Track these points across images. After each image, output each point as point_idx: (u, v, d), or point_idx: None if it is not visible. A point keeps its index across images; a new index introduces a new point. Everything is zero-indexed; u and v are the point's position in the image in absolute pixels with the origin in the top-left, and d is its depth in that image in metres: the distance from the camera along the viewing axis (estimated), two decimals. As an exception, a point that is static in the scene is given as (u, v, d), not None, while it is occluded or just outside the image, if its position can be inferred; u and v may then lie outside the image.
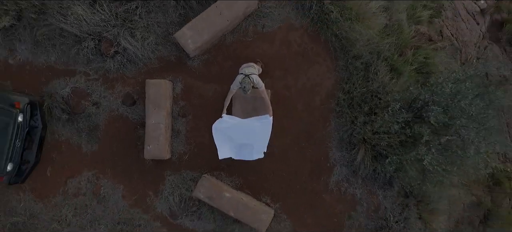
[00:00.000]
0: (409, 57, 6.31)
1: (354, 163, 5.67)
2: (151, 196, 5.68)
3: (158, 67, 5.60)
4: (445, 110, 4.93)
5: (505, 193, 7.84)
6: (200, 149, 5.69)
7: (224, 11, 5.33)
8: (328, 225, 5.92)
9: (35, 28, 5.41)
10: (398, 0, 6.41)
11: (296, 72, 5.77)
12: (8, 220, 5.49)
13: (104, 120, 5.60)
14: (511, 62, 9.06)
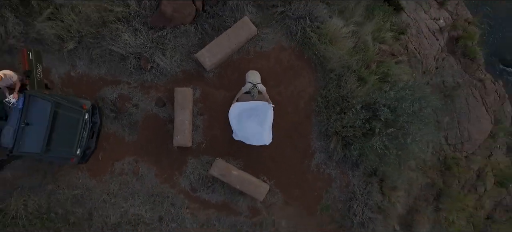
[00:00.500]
0: (373, 69, 8.18)
1: (329, 150, 7.53)
2: (177, 175, 7.49)
3: (182, 78, 7.42)
4: (392, 110, 6.80)
5: (454, 176, 9.73)
6: (213, 139, 7.50)
7: (232, 37, 7.17)
8: (310, 197, 7.76)
9: (91, 49, 7.21)
10: (366, 25, 8.29)
11: (286, 82, 7.61)
12: (70, 193, 7.27)
13: (141, 118, 7.41)
14: (464, 71, 10.99)
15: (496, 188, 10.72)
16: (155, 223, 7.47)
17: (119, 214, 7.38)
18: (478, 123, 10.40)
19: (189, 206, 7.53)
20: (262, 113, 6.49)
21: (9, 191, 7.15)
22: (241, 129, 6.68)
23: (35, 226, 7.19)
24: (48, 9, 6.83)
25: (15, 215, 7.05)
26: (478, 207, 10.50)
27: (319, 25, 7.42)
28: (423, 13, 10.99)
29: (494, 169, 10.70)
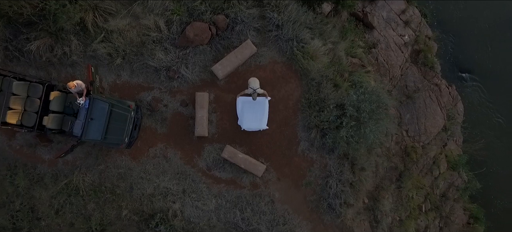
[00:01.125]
0: (346, 78, 10.63)
1: (311, 139, 9.95)
2: (196, 158, 9.87)
3: (201, 85, 9.79)
4: (356, 109, 9.23)
5: (413, 162, 12.21)
6: (224, 131, 9.89)
7: (238, 55, 9.56)
8: (297, 175, 10.17)
9: (132, 63, 9.56)
10: (340, 44, 10.74)
11: (278, 87, 10.01)
12: (116, 171, 9.60)
13: (170, 115, 9.78)
14: (423, 77, 13.48)
15: (449, 171, 13.27)
16: (180, 194, 9.84)
17: (152, 187, 9.75)
18: (433, 119, 12.91)
19: (205, 181, 9.91)
20: (260, 105, 8.98)
21: (71, 169, 9.48)
22: (244, 117, 9.09)
23: (90, 196, 9.54)
24: (101, 34, 9.17)
25: (76, 187, 9.40)
26: (433, 187, 13.03)
27: (303, 45, 9.84)
28: (391, 30, 13.48)
29: (447, 156, 13.23)
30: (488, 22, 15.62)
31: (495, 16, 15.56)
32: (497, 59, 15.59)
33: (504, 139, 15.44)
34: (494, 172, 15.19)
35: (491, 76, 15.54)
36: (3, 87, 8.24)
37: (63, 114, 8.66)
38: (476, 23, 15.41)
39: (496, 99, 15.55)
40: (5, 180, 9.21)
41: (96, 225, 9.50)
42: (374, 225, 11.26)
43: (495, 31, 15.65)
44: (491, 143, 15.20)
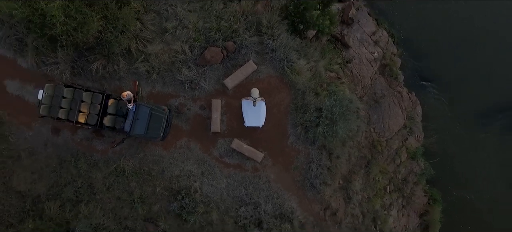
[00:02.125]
0: (325, 88, 13.92)
1: (297, 134, 13.20)
2: (212, 148, 13.07)
3: (215, 93, 12.99)
4: (330, 111, 12.51)
5: (379, 152, 15.50)
6: (232, 128, 13.09)
7: (243, 71, 12.79)
8: (287, 161, 13.41)
9: (164, 77, 12.73)
10: (320, 62, 14.02)
11: (273, 95, 13.24)
12: (152, 158, 12.75)
13: (192, 116, 12.96)
14: (389, 86, 16.81)
15: (409, 160, 16.65)
16: (199, 175, 13.01)
17: (179, 170, 12.92)
18: (395, 119, 16.27)
19: (218, 166, 13.10)
20: (259, 107, 12.25)
21: (118, 157, 12.61)
22: (247, 116, 12.30)
23: (133, 176, 12.68)
24: (142, 56, 12.32)
25: (123, 170, 12.54)
26: (396, 172, 16.39)
27: (292, 64, 13.10)
28: (364, 49, 16.83)
29: (407, 148, 16.60)
30: (445, 41, 19.08)
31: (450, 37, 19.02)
32: (451, 70, 19.05)
33: (457, 134, 18.92)
34: (448, 163, 18.66)
35: (447, 84, 19.00)
36: (75, 96, 11.37)
37: (116, 115, 11.81)
38: (435, 42, 18.85)
39: (451, 102, 19.02)
40: (70, 165, 12.33)
41: (137, 198, 12.66)
42: (347, 201, 14.57)
43: (450, 48, 19.12)
44: (446, 138, 18.68)
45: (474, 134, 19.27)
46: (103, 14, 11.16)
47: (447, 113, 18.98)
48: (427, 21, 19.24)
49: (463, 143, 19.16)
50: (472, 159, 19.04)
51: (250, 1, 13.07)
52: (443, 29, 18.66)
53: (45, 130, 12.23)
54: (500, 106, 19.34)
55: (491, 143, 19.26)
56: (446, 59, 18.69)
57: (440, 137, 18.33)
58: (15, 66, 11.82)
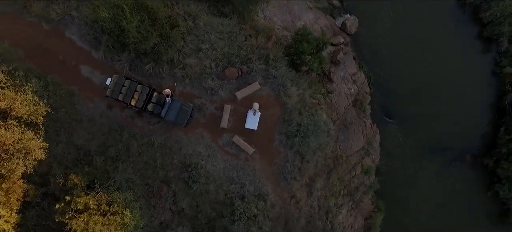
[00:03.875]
0: (307, 110, 20.36)
1: (281, 140, 19.65)
2: (218, 139, 19.39)
3: (227, 100, 19.20)
4: (306, 127, 18.94)
5: (340, 164, 22.18)
6: (235, 127, 19.46)
7: (250, 88, 19.04)
8: (271, 157, 19.94)
9: (194, 83, 18.73)
10: (307, 90, 20.39)
11: (270, 108, 19.62)
12: (174, 139, 18.88)
13: (208, 113, 19.21)
14: (357, 116, 23.46)
15: (362, 174, 23.48)
16: (206, 157, 19.30)
17: (192, 150, 19.12)
18: (357, 141, 22.97)
19: (220, 152, 19.40)
20: (257, 116, 18.50)
21: (151, 133, 18.66)
22: (247, 121, 18.55)
23: (158, 149, 18.79)
24: (180, 64, 18.25)
25: (152, 143, 18.61)
26: (350, 181, 23.17)
27: (286, 89, 19.40)
28: (344, 85, 23.34)
29: (363, 165, 23.39)
30: (409, 89, 25.94)
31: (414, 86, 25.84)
32: (410, 112, 25.97)
33: (405, 161, 25.92)
34: (394, 182, 25.68)
35: (405, 122, 25.96)
36: (131, 86, 17.21)
37: (156, 104, 17.74)
38: (401, 88, 25.66)
39: (405, 136, 25.97)
40: (116, 132, 18.27)
41: (159, 165, 18.81)
42: (309, 195, 21.24)
43: (412, 95, 26.00)
44: (396, 163, 25.67)
45: (419, 164, 26.50)
46: (160, 32, 17.05)
47: (400, 144, 26.04)
48: (397, 71, 26.18)
49: (408, 169, 26.40)
50: (413, 183, 26.25)
51: (264, 38, 19.17)
52: (409, 79, 25.52)
53: (102, 105, 18.13)
54: (442, 145, 26.60)
55: (430, 173, 26.56)
56: (407, 103, 25.73)
57: (391, 161, 25.39)
58: (89, 57, 17.56)
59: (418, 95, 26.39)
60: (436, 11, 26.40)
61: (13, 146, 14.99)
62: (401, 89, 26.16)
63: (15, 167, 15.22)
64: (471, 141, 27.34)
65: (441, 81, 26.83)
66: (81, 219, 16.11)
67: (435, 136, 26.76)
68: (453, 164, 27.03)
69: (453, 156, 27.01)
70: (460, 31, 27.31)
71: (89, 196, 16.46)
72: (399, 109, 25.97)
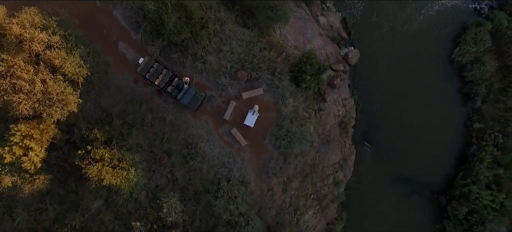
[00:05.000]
0: (298, 120, 25.53)
1: (272, 140, 24.80)
2: (219, 128, 24.63)
3: (234, 97, 24.40)
4: (294, 135, 24.10)
5: (315, 172, 27.57)
6: (235, 121, 24.70)
7: (255, 92, 24.03)
8: (260, 152, 25.23)
9: (209, 76, 23.45)
10: (301, 104, 25.49)
11: (267, 112, 24.87)
12: (182, 119, 23.75)
13: (216, 104, 24.38)
14: (340, 134, 28.81)
15: (332, 185, 29.00)
16: (205, 140, 24.44)
17: (195, 132, 24.18)
18: (334, 156, 28.41)
19: (218, 139, 24.60)
20: (255, 116, 23.58)
21: (165, 110, 23.45)
22: (247, 119, 23.62)
23: (168, 125, 23.64)
24: (202, 60, 22.89)
25: (164, 118, 23.50)
26: (321, 189, 28.64)
27: (284, 99, 24.59)
28: (334, 106, 28.60)
29: (334, 178, 28.85)
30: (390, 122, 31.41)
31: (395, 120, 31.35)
32: (387, 142, 31.51)
33: (372, 184, 31.62)
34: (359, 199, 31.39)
35: (380, 149, 31.58)
36: (158, 69, 21.75)
37: (175, 87, 22.37)
38: (383, 121, 31.08)
39: (377, 161, 31.63)
40: (136, 103, 22.95)
41: (165, 138, 23.72)
42: (284, 191, 26.66)
43: (392, 128, 31.50)
44: (364, 182, 31.34)
45: (384, 189, 32.30)
46: (191, 30, 21.64)
47: (371, 167, 31.71)
48: (383, 106, 31.81)
49: (373, 191, 32.28)
50: (375, 204, 32.11)
51: (275, 53, 23.98)
52: (392, 115, 31.10)
53: (130, 78, 22.75)
54: (407, 177, 32.43)
55: (391, 199, 32.48)
56: (386, 134, 31.41)
57: (361, 180, 31.00)
58: (129, 36, 21.99)
59: (397, 130, 32.07)
60: (427, 63, 32.04)
61: (56, 96, 19.47)
62: (383, 122, 31.75)
63: (53, 113, 19.77)
64: (433, 178, 33.42)
65: (419, 122, 32.60)
66: (96, 167, 20.92)
67: (403, 168, 32.65)
68: (413, 195, 33.07)
69: (414, 188, 33.07)
70: (445, 84, 33.06)
71: (106, 150, 21.26)
72: (377, 137, 31.58)
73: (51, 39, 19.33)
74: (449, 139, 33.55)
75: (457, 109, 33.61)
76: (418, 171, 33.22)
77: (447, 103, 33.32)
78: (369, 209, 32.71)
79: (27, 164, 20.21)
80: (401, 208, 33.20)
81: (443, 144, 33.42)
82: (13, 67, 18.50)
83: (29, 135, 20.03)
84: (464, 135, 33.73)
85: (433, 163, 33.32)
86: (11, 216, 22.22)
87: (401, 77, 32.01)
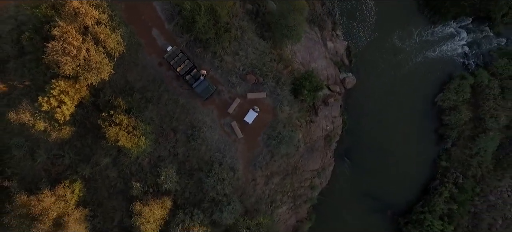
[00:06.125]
0: (290, 126, 31.41)
1: (264, 138, 30.58)
2: (222, 118, 30.48)
3: (239, 95, 30.26)
4: (284, 137, 29.99)
5: (296, 174, 33.65)
6: (236, 116, 30.55)
7: (258, 95, 29.66)
8: (252, 146, 31.20)
9: (223, 73, 28.85)
10: (296, 113, 31.37)
11: (266, 113, 30.75)
12: (192, 105, 29.39)
13: (223, 98, 30.27)
14: (323, 146, 34.93)
15: (308, 188, 35.13)
16: (208, 127, 30.30)
17: (201, 117, 29.90)
18: (315, 163, 34.63)
19: (219, 128, 30.57)
20: (254, 114, 29.42)
21: (180, 94, 28.77)
22: (247, 116, 29.44)
23: (179, 107, 29.09)
24: (219, 58, 28.26)
25: (177, 101, 28.88)
26: (298, 189, 34.78)
27: (282, 106, 30.70)
28: (324, 121, 34.87)
29: (311, 182, 35.00)
30: (370, 145, 37.68)
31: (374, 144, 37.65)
32: (364, 162, 37.86)
33: (343, 195, 38.06)
34: (330, 207, 37.80)
35: (357, 166, 37.93)
36: (181, 58, 27.00)
37: (192, 77, 27.71)
38: (364, 142, 37.32)
39: (353, 176, 38.01)
40: (156, 83, 28.70)
41: (175, 117, 29.25)
42: (266, 184, 32.91)
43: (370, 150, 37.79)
44: (337, 192, 37.73)
45: (352, 202, 38.84)
46: (216, 32, 26.99)
47: (346, 181, 38.03)
48: (368, 130, 38.21)
49: (342, 202, 38.91)
50: (340, 214, 38.71)
51: (283, 65, 29.56)
52: (374, 139, 37.50)
53: (155, 61, 28.11)
54: (375, 196, 39.06)
55: (356, 213, 39.19)
56: (365, 154, 37.90)
57: (334, 190, 37.33)
58: (162, 25, 27.17)
59: (375, 153, 38.58)
60: (413, 102, 38.48)
61: (95, 64, 24.61)
62: (365, 144, 38.15)
63: (89, 77, 24.98)
64: (397, 201, 40.26)
65: (396, 151, 39.16)
66: (114, 129, 26.23)
67: (374, 187, 39.27)
68: (376, 213, 39.77)
69: (379, 206, 39.79)
70: (424, 122, 39.60)
71: (125, 117, 26.66)
72: (356, 156, 38.00)
73: (101, 17, 24.35)
74: (418, 170, 40.31)
75: (430, 146, 40.28)
76: (386, 193, 39.94)
77: (423, 139, 39.94)
78: (335, 216, 39.29)
79: (59, 115, 25.37)
80: (363, 221, 39.95)
81: (412, 174, 40.18)
82: (66, 34, 23.44)
83: (65, 91, 25.15)
84: (431, 170, 40.56)
85: (400, 188, 40.09)
86: (32, 156, 27.35)
87: (387, 108, 38.30)
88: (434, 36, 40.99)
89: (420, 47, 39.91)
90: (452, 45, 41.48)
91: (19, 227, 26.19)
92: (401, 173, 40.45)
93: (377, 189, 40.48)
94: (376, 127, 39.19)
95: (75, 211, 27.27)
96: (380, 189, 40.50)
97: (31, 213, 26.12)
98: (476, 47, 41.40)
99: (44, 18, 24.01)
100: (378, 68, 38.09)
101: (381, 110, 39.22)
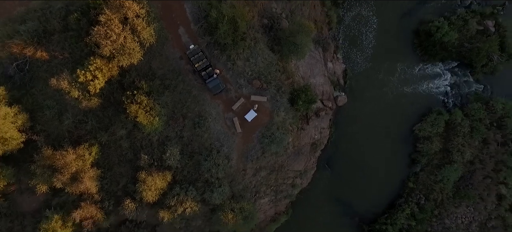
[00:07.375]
0: (283, 129, 38.41)
1: (259, 136, 37.45)
2: (226, 113, 37.40)
3: (244, 96, 37.36)
4: (276, 138, 36.94)
5: (281, 171, 40.70)
6: (239, 113, 37.14)
7: (260, 98, 36.48)
8: (247, 141, 38.02)
9: (234, 75, 35.33)
10: (291, 118, 38.38)
11: (264, 115, 37.96)
12: (202, 97, 36.17)
13: (231, 96, 36.98)
14: (309, 151, 42.19)
15: (290, 186, 42.35)
16: (213, 118, 37.34)
17: (208, 109, 37.27)
18: (299, 165, 42.00)
19: (222, 120, 37.79)
20: (254, 113, 36.36)
21: (194, 86, 35.17)
22: (248, 114, 36.39)
23: (192, 96, 35.49)
24: (233, 62, 34.68)
25: (191, 91, 35.22)
26: (281, 184, 41.96)
27: (278, 111, 37.84)
28: (313, 131, 42.67)
29: (293, 181, 42.18)
30: (351, 159, 45.06)
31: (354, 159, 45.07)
32: (344, 174, 45.28)
33: (320, 198, 45.51)
34: (306, 207, 45.20)
35: (337, 177, 45.41)
36: (200, 56, 33.36)
37: (207, 73, 34.09)
38: (346, 155, 44.70)
39: (333, 184, 45.48)
40: (175, 73, 35.40)
41: (186, 105, 35.96)
42: (254, 175, 40.07)
43: (352, 162, 45.24)
44: (316, 194, 45.14)
45: (326, 205, 46.37)
46: (233, 38, 33.56)
47: (326, 187, 45.42)
48: (351, 145, 45.52)
49: (317, 203, 46.41)
50: (313, 214, 46.25)
51: (285, 76, 36.28)
52: (355, 155, 44.98)
53: (177, 54, 34.58)
54: (347, 203, 46.74)
55: (328, 217, 46.98)
56: (346, 166, 45.27)
57: (312, 191, 44.68)
58: (188, 25, 33.48)
59: (353, 165, 46.45)
60: (394, 127, 46.32)
61: (128, 50, 30.70)
62: (345, 155, 45.72)
63: (121, 60, 31.27)
64: (365, 211, 48.41)
65: (372, 166, 47.09)
66: (135, 107, 32.51)
67: (347, 194, 47.20)
68: (346, 217, 47.63)
69: (349, 212, 47.81)
70: (401, 146, 47.53)
71: (145, 98, 32.96)
72: (337, 165, 45.64)
73: (140, 11, 30.38)
74: (388, 186, 48.36)
75: (402, 167, 48.25)
76: (357, 202, 47.87)
77: (397, 160, 47.91)
78: (309, 215, 47.07)
79: (91, 87, 31.51)
80: (333, 223, 47.91)
81: (382, 189, 48.21)
82: (110, 21, 29.33)
83: (100, 68, 31.27)
84: (399, 188, 48.67)
85: (370, 200, 48.07)
86: (59, 118, 33.30)
87: (371, 129, 45.97)
88: (422, 73, 48.58)
89: (408, 81, 47.63)
90: (438, 83, 49.17)
91: (42, 175, 32.40)
92: (373, 187, 48.35)
93: (349, 197, 48.32)
94: (358, 143, 46.75)
95: (90, 170, 33.64)
96: (352, 198, 48.38)
97: (54, 165, 32.31)
98: (456, 89, 49.43)
99: (92, 4, 29.73)
100: (368, 93, 45.49)
101: (365, 129, 46.78)
